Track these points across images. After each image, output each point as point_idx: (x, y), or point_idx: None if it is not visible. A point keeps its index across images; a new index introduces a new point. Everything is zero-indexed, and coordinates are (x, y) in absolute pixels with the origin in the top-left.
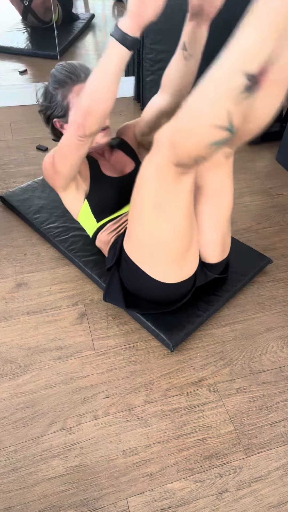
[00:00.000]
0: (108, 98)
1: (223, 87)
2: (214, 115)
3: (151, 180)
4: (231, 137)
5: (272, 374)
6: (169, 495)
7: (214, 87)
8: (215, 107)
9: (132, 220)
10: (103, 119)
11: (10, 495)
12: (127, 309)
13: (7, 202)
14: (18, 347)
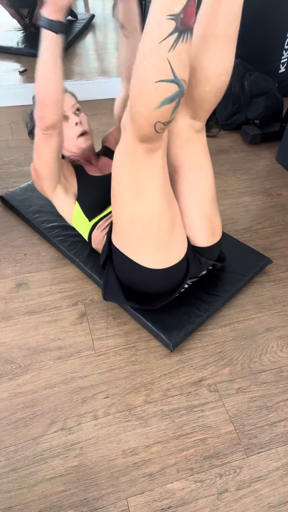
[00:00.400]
0: (54, 86)
1: (153, 36)
2: (154, 69)
3: (123, 164)
4: (181, 92)
5: (272, 374)
6: (169, 495)
7: (148, 40)
8: (153, 60)
9: (114, 210)
10: (58, 108)
11: (10, 495)
12: (127, 302)
13: (7, 202)
14: (18, 347)
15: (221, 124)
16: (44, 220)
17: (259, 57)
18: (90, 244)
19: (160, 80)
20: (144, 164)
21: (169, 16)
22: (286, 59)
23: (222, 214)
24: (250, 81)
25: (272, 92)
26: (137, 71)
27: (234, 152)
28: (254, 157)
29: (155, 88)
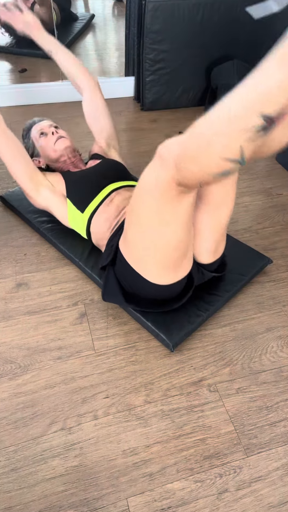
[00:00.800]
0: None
1: (237, 124)
2: (225, 148)
3: (152, 191)
4: (240, 166)
5: (272, 374)
6: (169, 495)
7: (228, 121)
8: (227, 141)
9: (129, 222)
10: None
11: (10, 495)
12: (127, 304)
13: (7, 202)
14: (18, 347)
15: None
16: (44, 220)
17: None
18: (90, 243)
19: (226, 158)
20: (175, 202)
21: (262, 115)
22: None
23: None
24: None
25: None
26: (203, 138)
27: None
28: None
29: (218, 162)
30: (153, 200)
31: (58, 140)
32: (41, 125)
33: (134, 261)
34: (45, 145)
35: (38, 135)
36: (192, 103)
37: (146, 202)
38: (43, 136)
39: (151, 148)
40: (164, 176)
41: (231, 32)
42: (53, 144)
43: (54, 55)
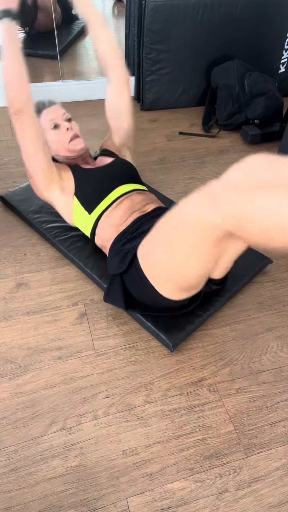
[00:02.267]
0: (16, 67)
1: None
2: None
3: (195, 228)
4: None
5: (272, 374)
6: (169, 495)
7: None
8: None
9: (158, 242)
10: (22, 89)
11: (10, 495)
12: (127, 310)
13: (7, 202)
14: (18, 347)
15: (221, 124)
16: (44, 220)
17: (259, 57)
18: (90, 244)
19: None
20: (215, 242)
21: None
22: (286, 59)
23: None
24: (250, 81)
25: (272, 92)
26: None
27: (234, 152)
28: None
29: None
30: (191, 236)
31: (73, 140)
32: (52, 113)
33: (153, 277)
34: (57, 140)
35: (50, 126)
36: (192, 103)
37: (183, 235)
38: (56, 129)
39: (151, 148)
40: (214, 223)
41: (231, 32)
42: (67, 143)
43: (92, 31)
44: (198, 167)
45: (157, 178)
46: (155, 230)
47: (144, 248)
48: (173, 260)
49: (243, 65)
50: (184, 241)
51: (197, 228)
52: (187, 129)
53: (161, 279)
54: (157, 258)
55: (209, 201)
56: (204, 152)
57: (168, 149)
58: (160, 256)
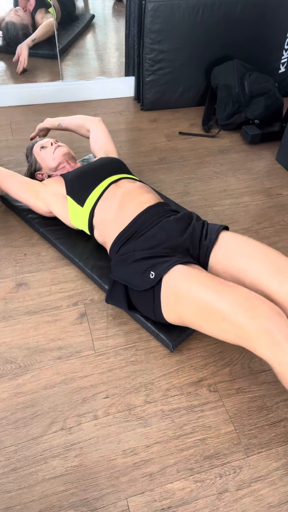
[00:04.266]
0: None
1: None
2: None
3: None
4: None
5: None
6: (169, 495)
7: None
8: None
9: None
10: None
11: (10, 495)
12: (129, 310)
13: (7, 202)
14: (18, 347)
15: (221, 124)
16: (44, 220)
17: (259, 57)
18: (90, 244)
19: None
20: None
21: None
22: (286, 59)
23: (222, 214)
24: (250, 81)
25: (272, 92)
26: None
27: (234, 152)
28: (254, 157)
29: None
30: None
31: (56, 149)
32: (42, 141)
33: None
34: (45, 155)
35: (39, 150)
36: (192, 103)
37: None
38: (43, 149)
39: (151, 148)
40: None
41: (231, 32)
42: (52, 153)
43: (62, 126)
44: (198, 167)
45: (157, 178)
46: (196, 288)
47: (174, 291)
48: (198, 323)
49: (243, 65)
50: (219, 327)
51: (240, 337)
52: (187, 129)
53: (176, 318)
54: (185, 311)
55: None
56: (204, 152)
57: (168, 149)
58: (189, 314)
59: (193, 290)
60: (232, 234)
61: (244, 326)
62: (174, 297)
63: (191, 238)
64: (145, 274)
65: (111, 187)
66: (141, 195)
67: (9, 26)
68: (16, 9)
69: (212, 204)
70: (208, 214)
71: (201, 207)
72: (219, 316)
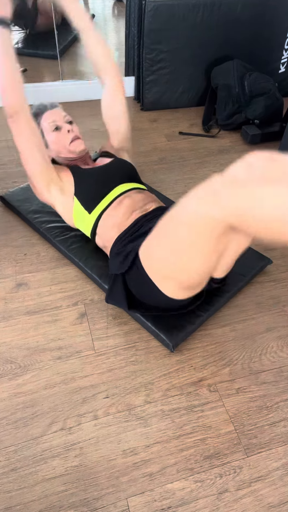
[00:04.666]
0: (9, 75)
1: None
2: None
3: (196, 224)
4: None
5: (272, 374)
6: (169, 495)
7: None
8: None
9: (159, 241)
10: (16, 93)
11: (10, 495)
12: (129, 310)
13: (7, 202)
14: (18, 347)
15: (221, 124)
16: (44, 220)
17: (259, 57)
18: (90, 244)
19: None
20: (217, 237)
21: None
22: (286, 59)
23: None
24: (250, 81)
25: (272, 92)
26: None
27: (234, 152)
28: None
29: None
30: (194, 232)
31: (74, 141)
32: (54, 115)
33: (155, 276)
34: (58, 141)
35: (51, 128)
36: (192, 103)
37: (185, 231)
38: (57, 131)
39: (151, 148)
40: (216, 217)
41: (231, 32)
42: (68, 144)
43: (83, 36)
44: (198, 167)
45: (157, 178)
46: (157, 228)
47: (146, 247)
48: (175, 258)
49: (243, 65)
50: (187, 238)
51: (199, 224)
52: (187, 129)
53: (164, 278)
54: (160, 256)
55: (210, 196)
56: (204, 152)
57: (168, 149)
58: (162, 255)
59: (156, 235)
60: None
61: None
62: (148, 254)
63: None
64: (130, 253)
65: (120, 198)
66: (145, 205)
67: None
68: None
69: None
70: None
71: None
72: (180, 224)
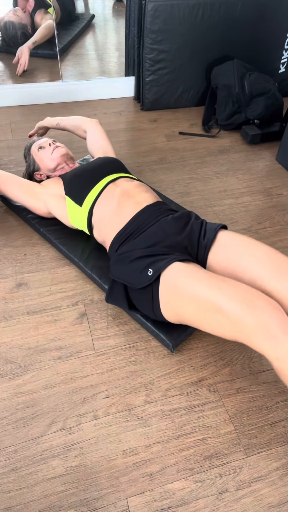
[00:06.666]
0: None
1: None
2: None
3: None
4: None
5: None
6: (169, 495)
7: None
8: None
9: (184, 293)
10: None
11: (10, 495)
12: (129, 310)
13: (7, 202)
14: (18, 347)
15: (221, 124)
16: (44, 220)
17: (259, 57)
18: (90, 244)
19: None
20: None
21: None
22: (286, 59)
23: (222, 214)
24: (250, 81)
25: (272, 92)
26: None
27: (234, 152)
28: (254, 157)
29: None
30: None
31: (54, 150)
32: (40, 141)
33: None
34: (43, 156)
35: (37, 150)
36: (192, 103)
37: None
38: (42, 150)
39: (151, 148)
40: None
41: (231, 32)
42: (50, 154)
43: (61, 125)
44: (198, 167)
45: (157, 178)
46: (194, 284)
47: (172, 286)
48: (196, 319)
49: (243, 65)
50: (218, 323)
51: (239, 332)
52: (187, 129)
53: (174, 315)
54: (183, 307)
55: (267, 331)
56: (204, 152)
57: (168, 149)
58: (187, 309)
59: (191, 286)
60: (231, 233)
61: (241, 320)
62: (172, 293)
63: (190, 237)
64: (144, 272)
65: (109, 186)
66: (139, 194)
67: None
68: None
69: (212, 204)
70: (208, 214)
71: (201, 207)
72: (216, 310)
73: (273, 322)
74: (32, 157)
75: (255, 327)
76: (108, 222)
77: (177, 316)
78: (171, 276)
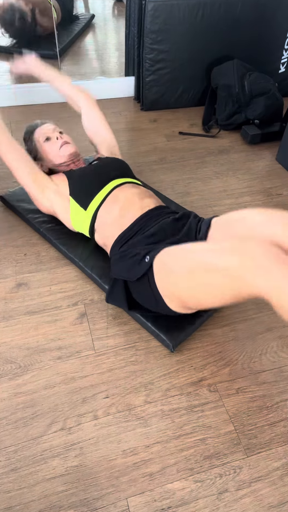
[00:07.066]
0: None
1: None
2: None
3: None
4: None
5: (272, 374)
6: (169, 495)
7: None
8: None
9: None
10: None
11: (10, 495)
12: (130, 310)
13: (7, 202)
14: (18, 347)
15: (221, 124)
16: (44, 220)
17: (259, 57)
18: (90, 244)
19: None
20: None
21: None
22: (286, 59)
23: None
24: (250, 81)
25: (272, 92)
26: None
27: (234, 152)
28: (254, 157)
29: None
30: (226, 284)
31: (63, 146)
32: (44, 129)
33: (166, 294)
34: (50, 150)
35: (42, 140)
36: (192, 103)
37: (217, 279)
38: (48, 142)
39: (151, 148)
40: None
41: (231, 32)
42: (58, 149)
43: (52, 84)
44: (198, 167)
45: (157, 178)
46: (184, 255)
47: (165, 265)
48: (193, 291)
49: (243, 65)
50: (212, 284)
51: (234, 282)
52: (187, 129)
53: (174, 297)
54: (178, 282)
55: (261, 268)
56: (204, 152)
57: (168, 149)
58: (181, 283)
59: (182, 258)
60: (222, 216)
61: (231, 263)
62: (166, 274)
63: (188, 234)
64: (142, 262)
65: (114, 191)
66: (142, 200)
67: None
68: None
69: (212, 204)
70: (208, 214)
71: (201, 207)
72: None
73: (261, 255)
74: (34, 144)
75: (243, 264)
76: (110, 226)
77: (178, 298)
78: (161, 257)
